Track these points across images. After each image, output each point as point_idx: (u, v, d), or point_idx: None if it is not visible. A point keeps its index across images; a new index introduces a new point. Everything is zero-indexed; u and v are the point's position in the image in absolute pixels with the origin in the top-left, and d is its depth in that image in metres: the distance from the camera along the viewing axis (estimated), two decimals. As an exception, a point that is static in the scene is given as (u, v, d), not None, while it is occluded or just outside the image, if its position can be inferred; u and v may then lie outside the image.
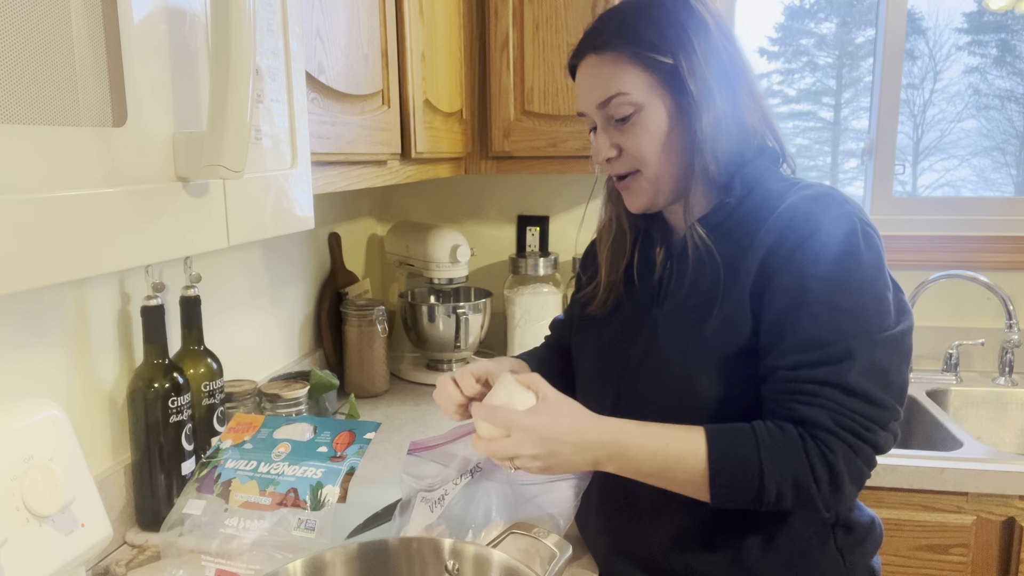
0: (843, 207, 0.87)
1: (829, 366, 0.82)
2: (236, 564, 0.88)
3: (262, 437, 0.99)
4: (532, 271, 1.97)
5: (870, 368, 0.82)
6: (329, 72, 0.98)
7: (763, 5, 2.24)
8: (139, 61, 0.55)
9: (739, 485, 0.83)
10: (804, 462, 0.81)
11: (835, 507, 0.86)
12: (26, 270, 0.47)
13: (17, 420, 0.74)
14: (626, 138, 0.93)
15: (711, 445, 0.83)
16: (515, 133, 1.72)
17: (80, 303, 1.01)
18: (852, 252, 0.84)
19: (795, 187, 0.91)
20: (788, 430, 0.83)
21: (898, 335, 0.85)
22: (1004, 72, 2.11)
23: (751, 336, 0.87)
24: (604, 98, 0.93)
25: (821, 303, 0.83)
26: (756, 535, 0.91)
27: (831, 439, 0.81)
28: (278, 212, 0.75)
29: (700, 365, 0.89)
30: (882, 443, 0.84)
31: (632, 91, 0.91)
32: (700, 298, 0.91)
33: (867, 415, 0.82)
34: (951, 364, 1.90)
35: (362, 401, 1.72)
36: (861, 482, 0.85)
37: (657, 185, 0.95)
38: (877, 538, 0.99)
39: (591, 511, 1.04)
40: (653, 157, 0.93)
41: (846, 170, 2.33)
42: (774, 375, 0.85)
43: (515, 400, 0.87)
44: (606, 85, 0.92)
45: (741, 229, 0.91)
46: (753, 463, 0.82)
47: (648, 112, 0.91)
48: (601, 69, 0.93)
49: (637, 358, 0.96)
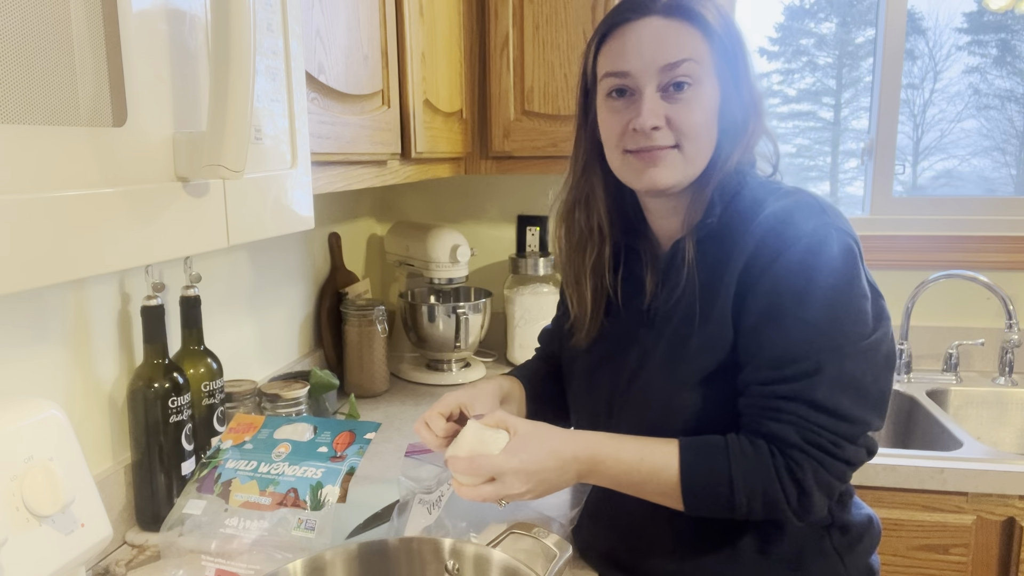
0: (820, 217, 0.85)
1: (798, 382, 0.82)
2: (236, 564, 0.88)
3: (262, 437, 0.99)
4: (532, 271, 1.97)
5: (840, 381, 0.82)
6: (329, 72, 0.98)
7: (763, 5, 2.24)
8: (139, 61, 0.55)
9: (710, 497, 0.84)
10: (773, 477, 0.82)
11: (805, 518, 0.86)
12: (26, 270, 0.47)
13: (17, 420, 0.74)
14: (678, 109, 0.90)
15: (683, 459, 0.85)
16: (515, 133, 1.72)
17: (80, 303, 1.01)
18: (826, 264, 0.83)
19: (774, 194, 0.90)
20: (759, 445, 0.83)
21: (873, 344, 0.84)
22: (1004, 72, 2.11)
23: (731, 351, 0.87)
24: (676, 59, 0.89)
25: (793, 318, 0.83)
26: (752, 538, 0.92)
27: (799, 455, 0.82)
28: (278, 212, 0.75)
29: (685, 383, 0.90)
30: (852, 457, 0.84)
31: (701, 63, 0.90)
32: (685, 314, 0.91)
33: (835, 431, 0.82)
34: (951, 364, 1.90)
35: (362, 401, 1.72)
36: (832, 494, 0.86)
37: (692, 166, 0.92)
38: (875, 536, 0.99)
39: (591, 511, 1.04)
40: (699, 135, 0.91)
41: (846, 170, 2.33)
42: (748, 390, 0.86)
43: (488, 444, 0.87)
44: (679, 48, 0.89)
45: (721, 241, 0.90)
46: (723, 476, 0.83)
47: (706, 89, 0.91)
48: (671, 32, 0.90)
49: (627, 377, 0.97)
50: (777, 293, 0.84)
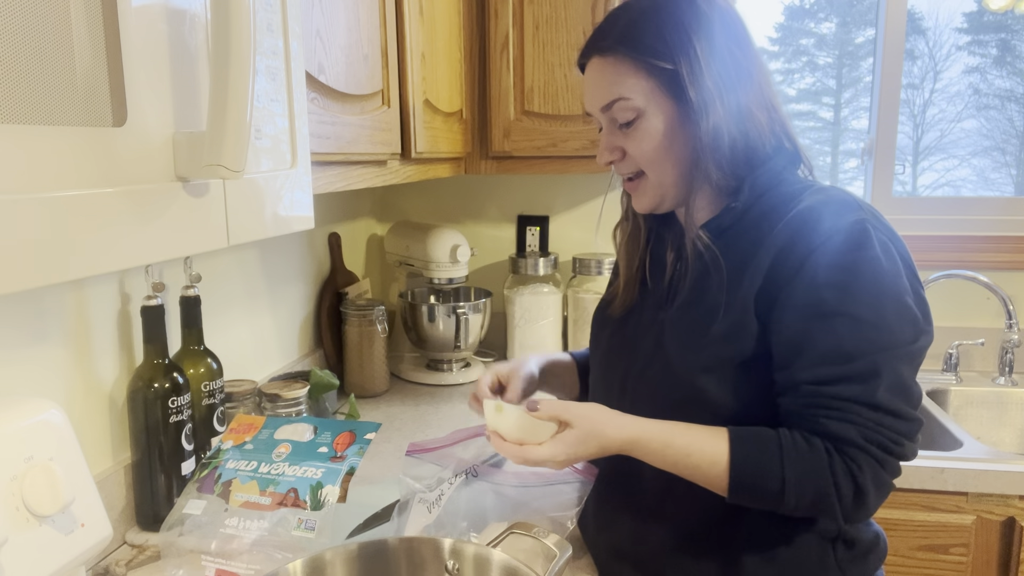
0: (854, 212, 0.85)
1: (857, 384, 0.81)
2: (236, 564, 0.88)
3: (263, 438, 0.99)
4: (532, 271, 1.97)
5: (896, 384, 0.82)
6: (329, 72, 0.98)
7: (763, 5, 2.24)
8: (139, 61, 0.55)
9: (759, 493, 0.83)
10: (828, 477, 0.81)
11: (857, 519, 0.86)
12: (26, 270, 0.47)
13: (17, 420, 0.74)
14: (629, 142, 0.93)
15: (734, 453, 0.83)
16: (515, 133, 1.72)
17: (80, 303, 1.01)
18: (864, 258, 0.82)
19: (808, 190, 0.89)
20: (815, 443, 0.82)
21: (920, 348, 0.85)
22: (1004, 72, 2.11)
23: (757, 343, 0.87)
24: (606, 102, 0.93)
25: (840, 314, 0.82)
26: (755, 544, 0.91)
27: (860, 455, 0.81)
28: (278, 212, 0.75)
29: (704, 370, 0.89)
30: (909, 453, 0.84)
31: (633, 96, 0.90)
32: (706, 303, 0.90)
33: (896, 429, 0.82)
34: (951, 364, 1.90)
35: (362, 401, 1.72)
36: (886, 494, 0.85)
37: (661, 188, 0.95)
38: (881, 554, 0.98)
39: (594, 512, 1.04)
40: (655, 162, 0.93)
41: (846, 170, 2.33)
42: (796, 389, 0.84)
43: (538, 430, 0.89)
44: (608, 89, 0.92)
45: (751, 233, 0.89)
46: (775, 473, 0.82)
47: (649, 118, 0.91)
48: (604, 73, 0.93)
49: (643, 360, 0.96)
50: (816, 288, 0.83)
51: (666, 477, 0.87)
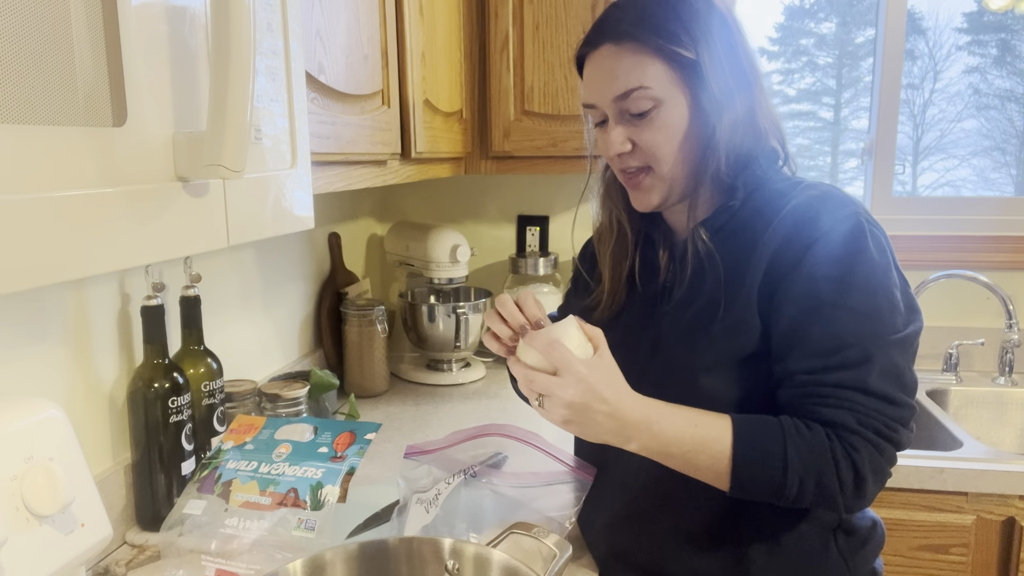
0: (848, 207, 0.86)
1: (849, 370, 0.82)
2: (236, 564, 0.87)
3: (263, 438, 0.99)
4: (532, 271, 1.97)
5: (888, 369, 0.82)
6: (329, 72, 0.98)
7: (763, 5, 2.24)
8: (139, 61, 0.55)
9: (761, 477, 0.82)
10: (830, 461, 0.81)
11: (855, 508, 0.85)
12: (26, 270, 0.47)
13: (17, 420, 0.74)
14: (642, 133, 0.90)
15: (737, 433, 0.83)
16: (515, 133, 1.72)
17: (80, 303, 1.01)
18: (860, 252, 0.84)
19: (798, 187, 0.90)
20: (815, 428, 0.83)
21: (911, 335, 0.85)
22: (1004, 72, 2.11)
23: (760, 339, 0.87)
24: (624, 91, 0.89)
25: (835, 306, 0.83)
26: (758, 539, 0.91)
27: (856, 439, 0.81)
28: (278, 212, 0.75)
29: (706, 368, 0.89)
30: (904, 441, 0.84)
31: (654, 85, 0.88)
32: (705, 301, 0.91)
33: (889, 415, 0.82)
34: (951, 364, 1.90)
35: (362, 401, 1.72)
36: (883, 482, 0.85)
37: (669, 183, 0.93)
38: (879, 540, 0.99)
39: (593, 511, 1.04)
40: (669, 155, 0.90)
41: (846, 170, 2.33)
42: (791, 380, 0.85)
43: (572, 344, 0.84)
44: (626, 77, 0.88)
45: (745, 231, 0.90)
46: (778, 456, 0.82)
47: (668, 108, 0.89)
48: (621, 60, 0.89)
49: (642, 363, 0.96)
50: (814, 281, 0.83)
51: (665, 475, 0.87)
